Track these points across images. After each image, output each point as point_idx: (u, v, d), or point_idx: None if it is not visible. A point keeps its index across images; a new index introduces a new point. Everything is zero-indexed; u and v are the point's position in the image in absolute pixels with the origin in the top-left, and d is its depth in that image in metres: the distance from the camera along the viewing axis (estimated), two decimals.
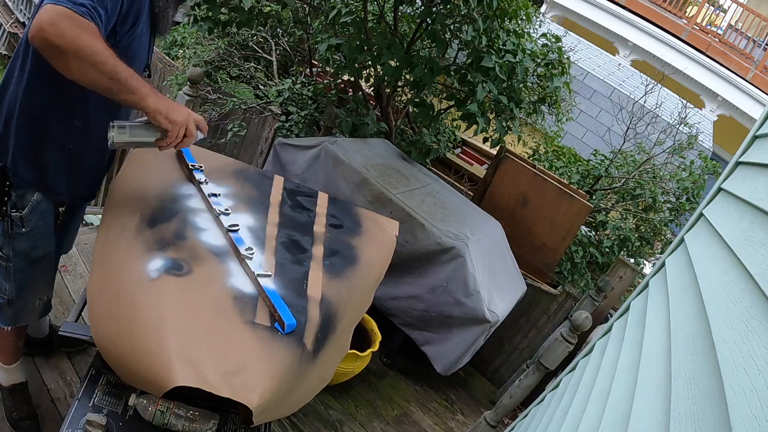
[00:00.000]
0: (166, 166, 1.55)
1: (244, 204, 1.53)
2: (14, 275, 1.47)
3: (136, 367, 1.08)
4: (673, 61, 9.42)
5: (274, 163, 3.09)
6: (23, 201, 1.37)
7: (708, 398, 0.82)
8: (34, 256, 1.47)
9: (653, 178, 4.62)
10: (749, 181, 1.30)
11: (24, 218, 1.39)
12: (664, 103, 5.37)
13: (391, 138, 3.98)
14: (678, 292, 1.33)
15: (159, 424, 1.27)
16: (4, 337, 1.69)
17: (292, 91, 4.46)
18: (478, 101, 3.03)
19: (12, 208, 1.37)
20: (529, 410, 2.30)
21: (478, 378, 3.57)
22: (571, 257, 4.14)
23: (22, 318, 1.61)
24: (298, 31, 5.17)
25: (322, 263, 1.44)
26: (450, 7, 3.08)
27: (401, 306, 2.77)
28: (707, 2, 10.50)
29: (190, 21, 3.72)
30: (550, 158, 5.09)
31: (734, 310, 0.91)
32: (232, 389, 1.03)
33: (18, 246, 1.43)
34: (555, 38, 3.55)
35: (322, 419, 2.48)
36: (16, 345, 1.74)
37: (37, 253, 1.48)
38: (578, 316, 2.32)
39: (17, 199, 1.37)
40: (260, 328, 1.15)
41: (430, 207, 2.90)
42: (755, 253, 0.96)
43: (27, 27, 1.14)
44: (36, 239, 1.45)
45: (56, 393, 1.96)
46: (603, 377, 1.49)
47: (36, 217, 1.41)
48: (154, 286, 1.16)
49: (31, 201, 1.38)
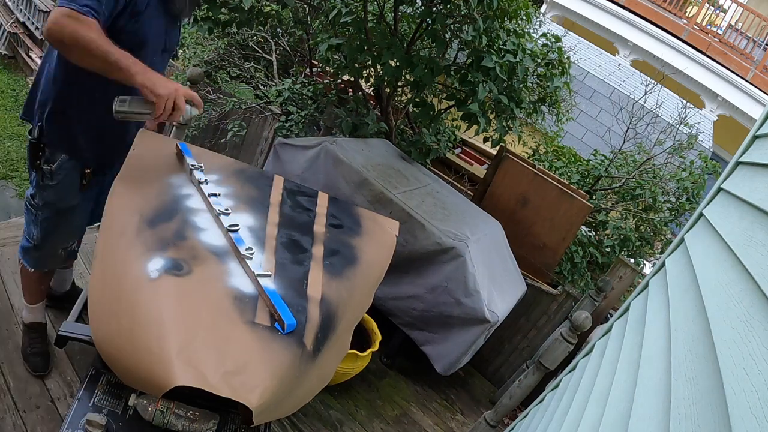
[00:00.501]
0: (166, 166, 1.55)
1: (244, 204, 1.53)
2: (41, 223, 1.70)
3: (136, 367, 1.08)
4: (673, 61, 9.42)
5: (274, 163, 3.09)
6: (54, 157, 1.61)
7: (708, 398, 0.82)
8: (60, 207, 1.69)
9: (653, 178, 4.62)
10: (749, 181, 1.30)
11: (54, 172, 1.61)
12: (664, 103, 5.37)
13: (391, 138, 3.98)
14: (678, 292, 1.33)
15: (159, 424, 1.27)
16: (29, 278, 1.92)
17: (292, 91, 4.46)
18: (479, 101, 3.03)
19: (44, 163, 1.61)
20: (528, 410, 2.30)
21: (478, 378, 3.57)
22: (571, 257, 4.14)
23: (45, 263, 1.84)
24: (298, 31, 5.17)
25: (322, 263, 1.44)
26: (450, 6, 3.08)
27: (401, 306, 2.77)
28: (707, 2, 10.50)
29: (190, 21, 3.72)
30: (550, 158, 5.09)
31: (734, 310, 0.91)
32: (232, 389, 1.02)
33: (46, 196, 1.65)
34: (555, 38, 3.55)
35: (322, 419, 2.48)
36: (39, 287, 1.97)
37: (63, 205, 1.69)
38: (578, 316, 2.32)
39: (49, 155, 1.61)
40: (260, 328, 1.15)
41: (430, 207, 2.90)
42: (755, 253, 0.96)
43: None
44: (62, 192, 1.66)
45: (56, 393, 1.96)
46: (603, 377, 1.49)
47: (64, 172, 1.63)
48: (154, 286, 1.16)
49: (60, 158, 1.61)
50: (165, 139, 1.68)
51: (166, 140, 1.67)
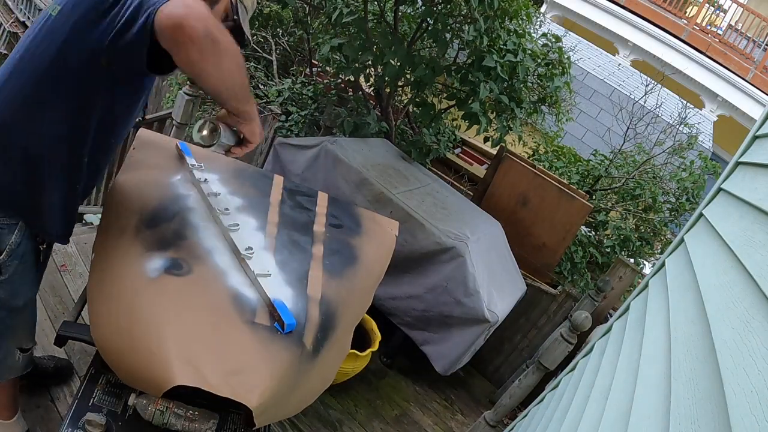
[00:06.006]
0: (166, 165, 1.55)
1: (244, 203, 1.52)
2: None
3: (136, 366, 1.08)
4: (673, 61, 9.42)
5: (274, 162, 3.09)
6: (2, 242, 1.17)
7: (708, 398, 0.82)
8: (14, 305, 1.27)
9: (653, 178, 4.63)
10: (749, 181, 1.30)
11: (1, 264, 1.18)
12: (664, 103, 5.37)
13: (391, 138, 3.98)
14: (678, 292, 1.33)
15: (158, 423, 1.27)
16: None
17: (292, 91, 4.46)
18: (480, 101, 3.03)
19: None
20: (528, 410, 2.30)
21: (478, 378, 3.56)
22: (571, 257, 4.14)
23: (3, 375, 1.41)
24: (298, 31, 5.17)
25: (321, 263, 1.44)
26: (451, 6, 3.08)
27: (401, 306, 2.77)
28: (707, 2, 10.49)
29: None
30: (550, 158, 5.09)
31: (734, 311, 0.91)
32: (232, 389, 1.02)
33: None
34: (555, 38, 3.55)
35: (321, 419, 2.47)
36: (10, 398, 1.58)
37: (18, 301, 1.28)
38: (578, 316, 2.32)
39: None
40: (260, 327, 1.15)
41: (429, 207, 2.90)
42: (755, 253, 0.96)
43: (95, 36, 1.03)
44: (16, 286, 1.24)
45: (56, 393, 1.96)
46: (603, 377, 1.49)
47: (16, 261, 1.21)
48: (154, 286, 1.16)
49: (9, 244, 1.17)
50: (165, 139, 1.67)
51: (166, 139, 1.67)
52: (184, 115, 1.99)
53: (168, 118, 4.29)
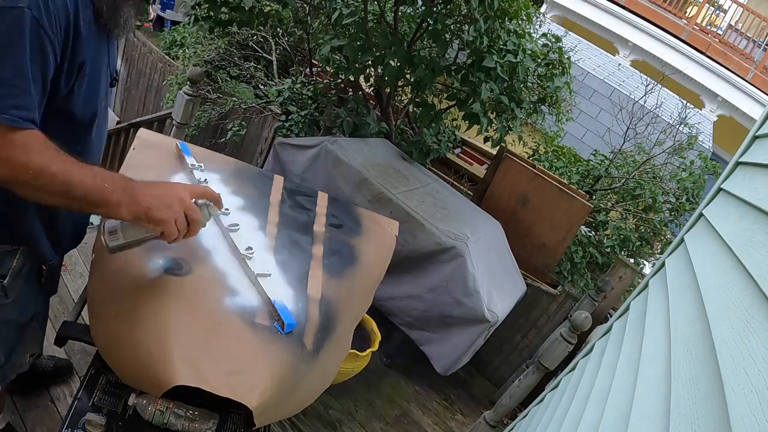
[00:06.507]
0: (166, 165, 1.55)
1: (244, 203, 1.53)
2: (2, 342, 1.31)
3: (136, 366, 1.08)
4: (673, 61, 9.43)
5: (274, 162, 3.09)
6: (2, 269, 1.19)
7: (708, 398, 0.82)
8: (22, 322, 1.32)
9: (653, 178, 4.63)
10: (749, 181, 1.30)
11: (6, 287, 1.20)
12: (664, 103, 5.37)
13: (391, 138, 3.98)
14: (678, 292, 1.33)
15: (158, 423, 1.27)
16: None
17: (292, 91, 4.46)
18: (481, 101, 3.03)
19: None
20: (528, 410, 2.30)
21: (478, 378, 3.57)
22: (571, 257, 4.14)
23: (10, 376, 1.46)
24: (298, 31, 5.17)
25: (321, 263, 1.44)
26: (451, 7, 3.08)
27: (401, 306, 2.77)
28: (707, 2, 10.50)
29: (191, 20, 3.72)
30: (550, 158, 5.09)
31: (734, 311, 0.91)
32: (232, 389, 1.02)
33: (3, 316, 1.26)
34: (555, 38, 3.55)
35: (321, 419, 2.48)
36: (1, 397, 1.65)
37: (26, 318, 1.33)
38: (578, 316, 2.32)
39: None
40: (260, 327, 1.15)
41: (429, 207, 2.90)
42: (755, 253, 0.96)
43: None
44: (22, 306, 1.28)
45: (56, 393, 1.96)
46: (603, 377, 1.49)
47: (20, 282, 1.23)
48: (154, 286, 1.16)
49: (11, 268, 1.20)
50: (165, 138, 1.68)
51: (165, 139, 1.67)
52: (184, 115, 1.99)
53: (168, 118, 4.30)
